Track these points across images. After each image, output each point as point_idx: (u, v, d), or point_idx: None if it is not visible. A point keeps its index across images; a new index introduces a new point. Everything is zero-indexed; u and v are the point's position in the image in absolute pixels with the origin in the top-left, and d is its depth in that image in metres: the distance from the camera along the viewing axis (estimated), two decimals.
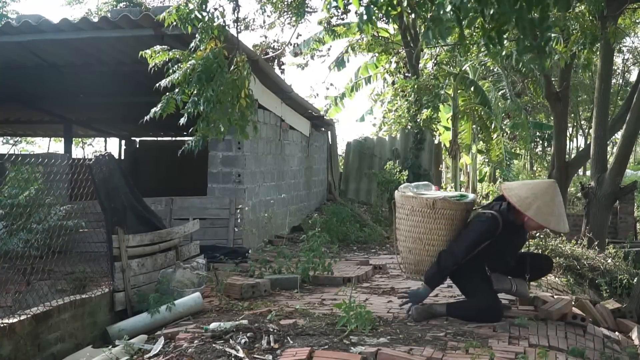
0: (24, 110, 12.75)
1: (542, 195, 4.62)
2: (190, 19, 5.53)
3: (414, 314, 4.75)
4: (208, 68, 5.33)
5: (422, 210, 4.83)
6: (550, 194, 4.66)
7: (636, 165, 34.83)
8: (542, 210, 4.57)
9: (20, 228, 5.67)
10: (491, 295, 4.74)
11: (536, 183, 5.01)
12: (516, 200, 4.62)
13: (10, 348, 4.13)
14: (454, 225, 4.82)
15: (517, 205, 4.60)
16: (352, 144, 16.65)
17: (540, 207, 4.57)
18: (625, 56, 26.19)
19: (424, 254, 4.89)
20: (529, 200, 4.60)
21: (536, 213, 4.56)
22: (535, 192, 4.66)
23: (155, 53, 5.63)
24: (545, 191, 4.67)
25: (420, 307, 4.81)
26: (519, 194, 4.67)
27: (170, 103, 5.47)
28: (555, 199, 4.68)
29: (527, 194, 4.65)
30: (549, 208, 4.60)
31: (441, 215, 4.79)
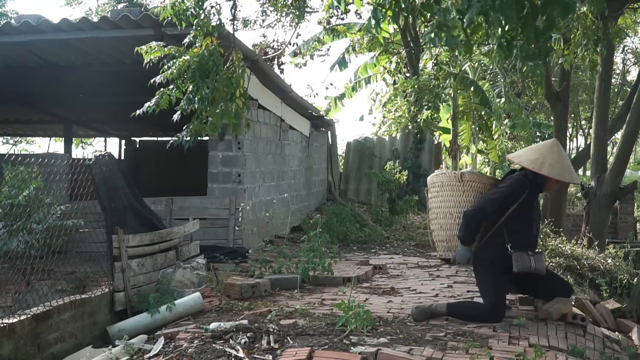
0: (24, 110, 12.74)
1: (550, 154, 4.71)
2: (185, 15, 5.53)
3: (415, 314, 4.74)
4: (203, 65, 5.33)
5: (451, 184, 4.94)
6: (556, 151, 4.76)
7: (636, 165, 34.83)
8: (554, 166, 4.65)
9: (20, 228, 5.66)
10: (499, 300, 4.70)
11: (540, 144, 5.09)
12: (528, 163, 4.69)
13: (10, 348, 4.13)
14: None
15: (532, 167, 4.65)
16: (352, 144, 16.65)
17: (552, 164, 4.65)
18: (626, 56, 26.20)
19: (454, 228, 4.92)
20: (539, 160, 4.67)
21: (550, 170, 4.63)
22: (542, 151, 4.75)
23: (150, 49, 5.63)
24: (550, 150, 4.76)
25: (421, 307, 4.80)
26: (528, 157, 4.76)
27: (164, 99, 5.47)
28: (562, 154, 4.82)
29: (535, 155, 4.74)
30: (560, 163, 4.69)
31: (469, 187, 4.87)
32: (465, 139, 17.94)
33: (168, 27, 6.82)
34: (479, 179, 4.92)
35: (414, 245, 9.93)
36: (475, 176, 4.93)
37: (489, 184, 4.91)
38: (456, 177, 4.93)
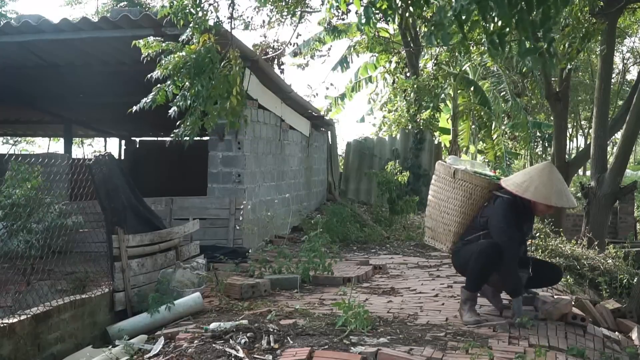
0: (24, 110, 12.75)
1: (538, 177, 4.66)
2: (184, 13, 5.55)
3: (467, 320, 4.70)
4: (199, 62, 5.34)
5: (445, 178, 4.96)
6: (546, 174, 4.69)
7: (636, 165, 34.84)
8: (540, 190, 4.59)
9: (20, 228, 5.66)
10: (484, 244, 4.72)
11: (531, 167, 5.07)
12: (513, 187, 4.66)
13: (10, 348, 4.13)
14: (470, 199, 4.87)
15: (515, 191, 4.62)
16: (352, 144, 16.65)
17: (538, 187, 4.59)
18: (625, 56, 26.20)
19: (438, 221, 5.01)
20: (525, 184, 4.64)
21: (535, 194, 4.59)
22: (531, 175, 4.72)
23: (148, 43, 5.64)
24: (540, 172, 4.71)
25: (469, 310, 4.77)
26: (515, 181, 4.73)
27: (161, 94, 5.48)
28: (552, 176, 4.70)
29: (523, 178, 4.71)
30: (547, 187, 4.62)
31: (459, 186, 4.88)
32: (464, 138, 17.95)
33: (168, 27, 6.82)
34: (471, 179, 4.88)
35: (414, 245, 9.93)
36: (467, 176, 4.90)
37: (481, 188, 4.86)
38: (449, 172, 4.94)
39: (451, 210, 4.95)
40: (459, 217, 4.91)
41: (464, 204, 4.89)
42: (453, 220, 4.94)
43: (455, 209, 4.92)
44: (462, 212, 4.90)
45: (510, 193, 4.68)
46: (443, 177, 4.99)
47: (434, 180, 5.12)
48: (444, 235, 5.04)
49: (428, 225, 5.21)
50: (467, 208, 4.89)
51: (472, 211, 4.89)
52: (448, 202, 4.94)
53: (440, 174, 5.03)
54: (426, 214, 5.26)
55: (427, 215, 5.21)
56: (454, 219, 4.93)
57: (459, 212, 4.91)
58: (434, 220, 5.10)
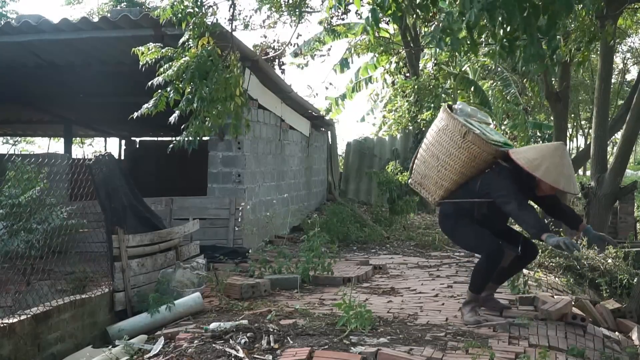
0: (24, 110, 12.75)
1: (550, 157, 4.53)
2: (184, 14, 5.55)
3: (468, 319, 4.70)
4: (202, 66, 5.34)
5: (453, 134, 4.72)
6: (558, 155, 4.57)
7: (636, 165, 34.83)
8: (550, 170, 4.48)
9: (21, 228, 5.66)
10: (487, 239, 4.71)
11: (544, 145, 4.94)
12: (524, 162, 4.53)
13: (10, 348, 4.13)
14: (474, 162, 4.71)
15: (526, 167, 4.50)
16: (352, 144, 16.65)
17: (549, 167, 4.48)
18: (626, 56, 26.21)
19: (432, 172, 4.83)
20: (537, 161, 4.50)
21: (545, 173, 4.47)
22: (543, 153, 4.58)
23: (147, 50, 5.64)
24: (553, 152, 4.57)
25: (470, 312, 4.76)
26: (527, 156, 4.60)
27: (162, 100, 5.48)
28: (564, 160, 4.60)
29: (535, 155, 4.57)
30: (558, 169, 4.50)
31: (466, 147, 4.67)
32: None
33: (168, 27, 6.83)
34: (481, 144, 4.66)
35: (414, 245, 9.92)
36: (478, 140, 4.66)
37: (487, 153, 4.68)
38: (461, 131, 4.69)
39: (450, 167, 4.75)
40: (456, 176, 4.76)
41: (465, 165, 4.70)
42: (449, 177, 4.77)
43: (455, 168, 4.73)
44: (462, 172, 4.73)
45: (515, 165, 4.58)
46: (451, 132, 4.73)
47: (437, 129, 4.86)
48: (434, 187, 4.89)
49: (419, 170, 4.96)
50: (467, 170, 4.72)
51: (471, 173, 4.74)
52: (449, 158, 4.74)
53: (448, 128, 4.77)
54: (418, 157, 5.01)
55: (421, 160, 4.95)
56: (451, 176, 4.76)
57: (458, 171, 4.73)
58: (427, 169, 4.88)
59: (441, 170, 4.81)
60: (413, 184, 5.08)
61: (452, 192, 4.85)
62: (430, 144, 4.91)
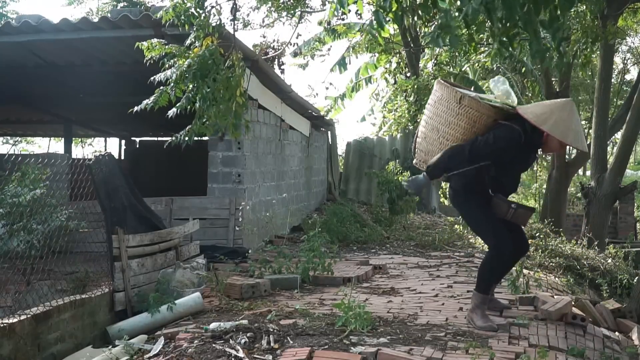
0: (24, 110, 12.74)
1: (559, 111, 4.43)
2: (187, 16, 5.54)
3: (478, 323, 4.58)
4: (203, 65, 5.33)
5: (449, 102, 4.63)
6: (567, 110, 4.47)
7: (636, 165, 34.81)
8: (559, 124, 4.38)
9: (21, 228, 5.66)
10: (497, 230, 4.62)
11: (552, 101, 4.82)
12: (532, 116, 4.43)
13: (10, 348, 4.13)
14: (474, 127, 4.59)
15: (533, 121, 4.40)
16: (352, 144, 16.65)
17: (557, 121, 4.38)
18: (626, 56, 26.18)
19: (435, 145, 4.69)
20: (545, 115, 4.40)
21: (553, 127, 4.37)
22: (552, 108, 4.50)
23: (151, 45, 5.64)
24: (562, 107, 4.47)
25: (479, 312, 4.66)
26: (535, 111, 4.50)
27: (164, 96, 5.47)
28: (573, 115, 4.49)
29: (542, 110, 4.47)
30: (567, 123, 4.41)
31: (464, 112, 4.56)
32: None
33: (168, 27, 6.82)
34: (478, 107, 4.56)
35: (414, 245, 9.92)
36: (475, 103, 4.56)
37: (487, 116, 4.59)
38: (455, 97, 4.61)
39: (451, 136, 4.63)
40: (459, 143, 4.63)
41: (466, 131, 4.59)
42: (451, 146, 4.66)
43: (457, 136, 4.61)
44: (464, 139, 4.60)
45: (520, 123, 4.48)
46: (446, 101, 4.65)
47: (432, 101, 4.78)
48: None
49: (421, 147, 4.83)
50: (469, 136, 4.60)
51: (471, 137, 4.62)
52: (449, 128, 4.62)
53: (443, 97, 4.69)
54: (419, 135, 4.87)
55: (422, 136, 4.82)
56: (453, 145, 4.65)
57: (460, 139, 4.60)
58: (429, 144, 4.75)
59: (443, 142, 4.67)
60: (418, 163, 4.92)
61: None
62: (428, 117, 4.80)
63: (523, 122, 4.51)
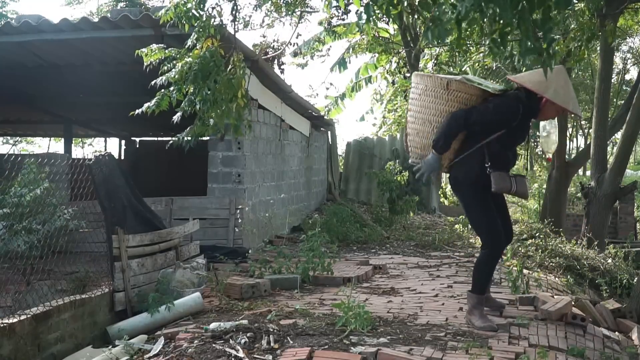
0: (24, 110, 12.75)
1: (556, 79, 4.39)
2: (187, 16, 5.53)
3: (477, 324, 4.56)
4: (204, 67, 5.33)
5: (435, 90, 4.58)
6: (563, 77, 4.46)
7: (636, 165, 34.85)
8: (559, 92, 4.38)
9: (22, 228, 5.66)
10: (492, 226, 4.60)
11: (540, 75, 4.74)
12: (532, 85, 4.41)
13: (10, 348, 4.13)
14: None
15: (535, 89, 4.38)
16: (352, 144, 16.65)
17: (557, 88, 4.37)
18: (626, 56, 26.20)
19: (431, 138, 4.62)
20: (544, 83, 4.34)
21: (555, 95, 4.35)
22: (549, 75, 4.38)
23: (151, 51, 5.63)
24: (557, 74, 4.40)
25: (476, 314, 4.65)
26: (532, 79, 4.47)
27: (165, 100, 5.47)
28: (568, 82, 4.49)
29: (540, 78, 4.40)
30: (565, 89, 4.41)
31: (454, 97, 4.52)
32: None
33: (168, 27, 6.82)
34: (467, 89, 4.52)
35: (414, 245, 9.92)
36: (463, 86, 4.52)
37: (477, 96, 4.57)
38: (442, 84, 4.53)
39: None
40: None
41: None
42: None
43: None
44: None
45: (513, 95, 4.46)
46: (433, 90, 4.59)
47: (418, 95, 4.70)
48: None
49: (416, 144, 4.74)
50: None
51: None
52: (441, 117, 4.55)
53: (428, 88, 4.62)
54: (410, 131, 4.77)
55: (414, 132, 4.73)
56: None
57: None
58: (424, 138, 4.66)
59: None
60: (415, 160, 4.85)
61: (457, 150, 4.65)
62: (416, 112, 4.73)
63: (516, 93, 4.49)
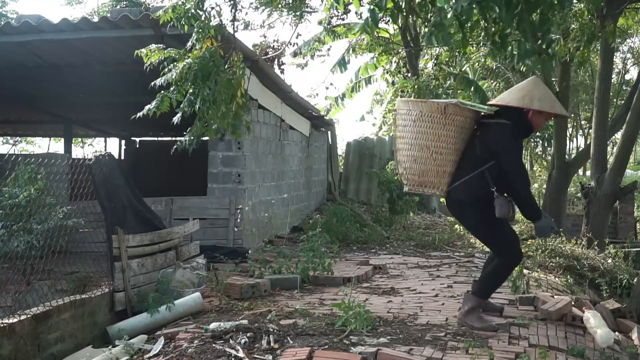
0: (24, 110, 12.75)
1: (535, 88, 4.56)
2: (187, 17, 5.53)
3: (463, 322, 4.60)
4: (204, 67, 5.33)
5: (432, 116, 4.58)
6: (541, 86, 4.63)
7: (636, 165, 34.84)
8: (544, 100, 4.51)
9: (21, 229, 5.66)
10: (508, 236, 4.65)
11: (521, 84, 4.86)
12: (517, 102, 4.52)
13: (10, 348, 4.13)
14: (462, 134, 4.61)
15: (522, 105, 4.49)
16: (352, 144, 16.65)
17: (541, 98, 4.51)
18: (626, 56, 26.19)
19: (430, 163, 4.63)
20: (527, 97, 4.49)
21: (542, 104, 4.47)
22: (528, 88, 4.59)
23: (150, 52, 5.63)
24: (535, 84, 4.60)
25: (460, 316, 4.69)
26: (513, 97, 4.59)
27: (165, 101, 5.47)
28: (546, 88, 4.66)
29: (521, 93, 4.56)
30: (548, 96, 4.56)
31: (451, 121, 4.56)
32: None
33: (168, 27, 6.82)
34: (462, 112, 4.59)
35: (414, 245, 9.93)
36: (459, 110, 4.58)
37: (471, 119, 4.64)
38: (439, 109, 4.57)
39: (445, 149, 4.59)
40: (453, 156, 4.59)
41: (457, 140, 4.59)
42: (448, 159, 4.61)
43: (450, 147, 4.59)
44: (457, 149, 4.60)
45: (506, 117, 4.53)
46: (429, 116, 4.59)
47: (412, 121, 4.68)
48: (436, 179, 4.68)
49: (413, 172, 4.70)
50: (460, 144, 4.61)
51: (463, 146, 4.64)
52: (440, 141, 4.57)
53: (423, 113, 4.62)
54: (404, 158, 4.74)
55: (410, 160, 4.70)
56: (449, 157, 4.60)
57: (454, 150, 4.59)
58: (422, 164, 4.64)
59: (437, 157, 4.63)
60: (412, 188, 4.83)
61: (454, 175, 4.67)
62: (411, 139, 4.71)
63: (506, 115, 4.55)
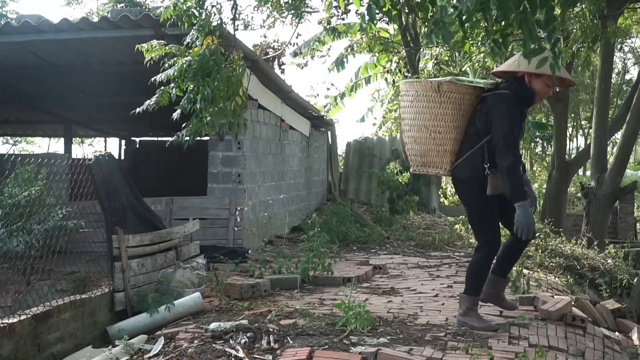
0: (24, 110, 12.75)
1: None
2: (187, 15, 5.54)
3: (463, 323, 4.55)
4: (204, 64, 5.33)
5: (427, 94, 4.52)
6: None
7: (636, 165, 34.85)
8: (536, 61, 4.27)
9: (20, 229, 5.66)
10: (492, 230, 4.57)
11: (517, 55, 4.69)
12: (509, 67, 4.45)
13: (10, 348, 4.13)
14: (461, 110, 4.52)
15: (514, 68, 4.40)
16: (352, 144, 16.66)
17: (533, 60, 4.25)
18: (626, 56, 26.20)
19: (430, 143, 4.56)
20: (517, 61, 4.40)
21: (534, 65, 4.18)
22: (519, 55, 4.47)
23: (151, 47, 5.64)
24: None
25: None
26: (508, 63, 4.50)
27: (164, 96, 5.48)
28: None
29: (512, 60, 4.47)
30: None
31: (447, 98, 4.48)
32: None
33: (168, 27, 6.83)
34: (458, 89, 4.49)
35: (414, 245, 9.93)
36: (454, 86, 4.49)
37: (469, 94, 4.54)
38: (433, 87, 4.50)
39: (443, 127, 4.51)
40: (453, 134, 4.53)
41: (455, 117, 4.50)
42: (448, 138, 4.53)
43: (448, 125, 4.50)
44: (456, 126, 4.52)
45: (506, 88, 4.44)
46: (424, 95, 4.54)
47: (410, 102, 4.64)
48: (438, 158, 4.60)
49: (415, 152, 4.65)
50: (460, 121, 4.52)
51: (464, 123, 4.55)
52: (437, 120, 4.49)
53: (419, 93, 4.57)
54: (407, 140, 4.72)
55: (411, 141, 4.66)
56: (449, 136, 4.51)
57: (453, 127, 4.50)
58: (422, 144, 4.58)
59: (436, 136, 4.56)
60: (417, 169, 4.76)
61: (457, 152, 4.59)
62: (411, 120, 4.68)
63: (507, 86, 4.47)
